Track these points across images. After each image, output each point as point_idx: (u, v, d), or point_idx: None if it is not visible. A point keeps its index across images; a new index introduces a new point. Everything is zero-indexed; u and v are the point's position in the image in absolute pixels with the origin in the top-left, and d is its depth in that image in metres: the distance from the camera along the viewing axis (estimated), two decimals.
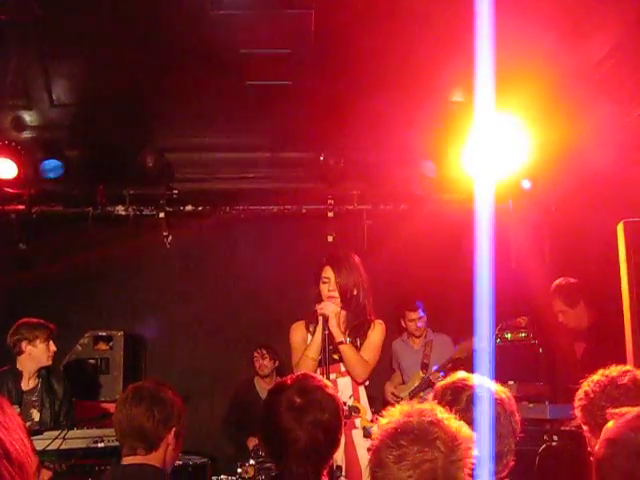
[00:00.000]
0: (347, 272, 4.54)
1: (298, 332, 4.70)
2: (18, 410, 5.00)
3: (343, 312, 4.60)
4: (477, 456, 1.93)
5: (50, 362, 5.42)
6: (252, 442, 6.61)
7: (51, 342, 5.37)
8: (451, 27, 5.48)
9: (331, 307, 4.45)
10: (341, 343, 4.46)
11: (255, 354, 7.08)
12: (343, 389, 4.51)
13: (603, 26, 5.06)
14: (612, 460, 1.63)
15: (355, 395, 4.55)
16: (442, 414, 1.97)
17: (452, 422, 1.96)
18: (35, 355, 5.32)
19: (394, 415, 1.98)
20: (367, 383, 4.64)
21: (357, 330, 4.60)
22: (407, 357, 6.79)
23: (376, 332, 4.62)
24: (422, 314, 6.71)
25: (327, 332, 4.42)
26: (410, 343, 6.83)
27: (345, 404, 4.42)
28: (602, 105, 5.83)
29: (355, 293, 4.54)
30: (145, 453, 2.99)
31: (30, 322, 5.44)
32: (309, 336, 4.61)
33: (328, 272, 4.56)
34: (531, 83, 6.01)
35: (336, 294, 4.52)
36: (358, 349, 4.56)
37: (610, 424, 1.79)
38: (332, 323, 4.43)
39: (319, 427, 2.65)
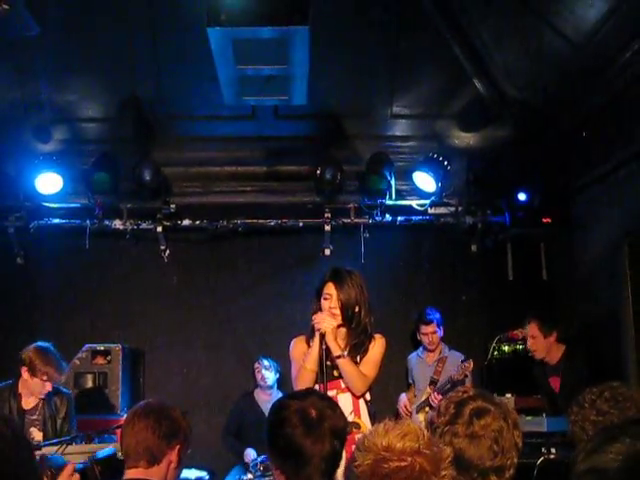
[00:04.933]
0: (349, 289, 4.51)
1: (298, 346, 4.68)
2: None
3: (343, 329, 4.57)
4: (481, 469, 1.95)
5: (42, 397, 5.27)
6: (248, 456, 6.59)
7: (48, 384, 5.18)
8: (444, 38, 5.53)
9: (327, 321, 4.44)
10: (339, 357, 4.45)
11: (256, 365, 7.05)
12: (343, 405, 4.47)
13: None
14: None
15: (356, 411, 4.54)
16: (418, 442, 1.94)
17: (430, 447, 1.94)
18: (29, 385, 5.20)
19: (367, 457, 1.95)
20: (369, 398, 4.62)
21: (357, 348, 4.57)
22: (419, 371, 6.73)
23: (377, 346, 4.60)
24: (437, 329, 6.63)
25: (325, 347, 4.42)
26: (424, 357, 6.78)
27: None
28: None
29: (357, 310, 4.52)
30: (147, 467, 2.98)
31: (43, 353, 5.20)
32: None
33: (331, 289, 4.53)
34: (526, 92, 6.05)
35: (337, 311, 4.50)
36: (358, 364, 4.54)
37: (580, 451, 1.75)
38: (329, 338, 4.42)
39: (336, 436, 2.65)
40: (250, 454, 6.58)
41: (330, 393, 4.43)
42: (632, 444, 1.52)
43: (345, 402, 4.50)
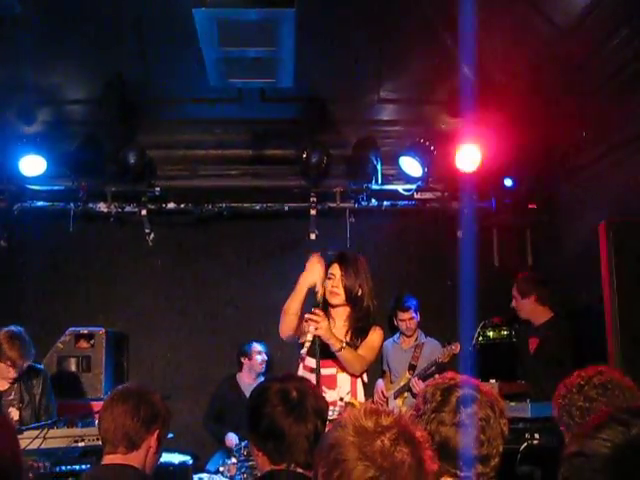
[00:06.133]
0: (353, 272, 4.60)
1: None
2: None
3: (346, 309, 4.64)
4: (466, 458, 1.94)
5: (10, 382, 5.25)
6: (230, 441, 6.59)
7: (12, 369, 5.17)
8: (435, 24, 5.51)
9: (321, 322, 4.38)
10: (340, 350, 4.45)
11: (253, 348, 7.02)
12: (342, 384, 4.54)
13: (585, 24, 5.07)
14: (580, 475, 1.56)
15: (353, 391, 4.56)
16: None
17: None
18: None
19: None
20: (366, 380, 4.66)
21: (358, 332, 4.63)
22: (396, 357, 6.79)
23: (375, 334, 4.66)
24: (414, 315, 6.71)
25: (320, 343, 4.40)
26: (400, 343, 6.83)
27: (342, 399, 4.49)
28: (584, 103, 5.86)
29: (360, 294, 4.60)
30: (126, 452, 2.96)
31: (10, 337, 5.17)
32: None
33: (335, 269, 4.63)
34: (515, 80, 6.04)
35: (339, 290, 4.58)
36: (357, 348, 4.58)
37: (574, 435, 1.74)
38: (327, 336, 4.40)
39: (318, 416, 2.65)
40: (232, 438, 6.58)
41: (330, 371, 4.49)
42: (623, 432, 1.51)
43: (344, 381, 4.57)
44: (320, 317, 4.40)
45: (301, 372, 4.55)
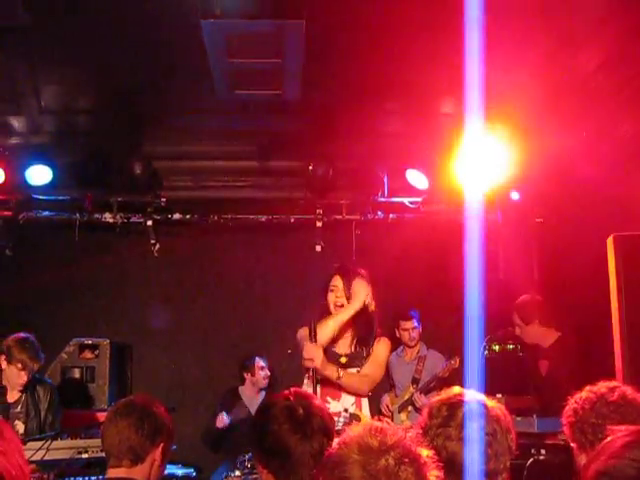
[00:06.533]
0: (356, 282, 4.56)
1: (304, 335, 4.60)
2: None
3: (351, 320, 4.55)
4: (473, 473, 1.91)
5: (20, 388, 5.27)
6: (221, 422, 6.64)
7: (23, 372, 5.19)
8: (441, 40, 5.49)
9: (315, 356, 4.28)
10: (338, 379, 4.41)
11: (257, 364, 6.98)
12: (346, 397, 4.50)
13: (593, 39, 5.07)
14: None
15: (357, 402, 4.53)
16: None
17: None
18: (8, 375, 5.22)
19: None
20: (370, 394, 4.62)
21: (364, 340, 4.61)
22: (399, 370, 6.78)
23: (381, 346, 4.63)
24: (416, 324, 6.72)
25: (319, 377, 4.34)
26: (403, 356, 6.82)
27: (347, 411, 4.47)
28: (591, 118, 5.85)
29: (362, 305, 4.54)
30: (130, 466, 2.95)
31: (20, 341, 5.22)
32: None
33: (337, 281, 4.60)
34: (521, 95, 6.03)
35: (342, 301, 4.55)
36: (365, 359, 4.57)
37: (597, 453, 1.71)
38: (323, 367, 4.31)
39: (325, 434, 2.62)
40: (224, 418, 6.61)
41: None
42: None
43: (347, 395, 4.52)
44: (314, 351, 4.30)
45: (305, 384, 4.54)
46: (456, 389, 2.54)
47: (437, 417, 2.41)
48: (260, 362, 7.00)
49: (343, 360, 4.54)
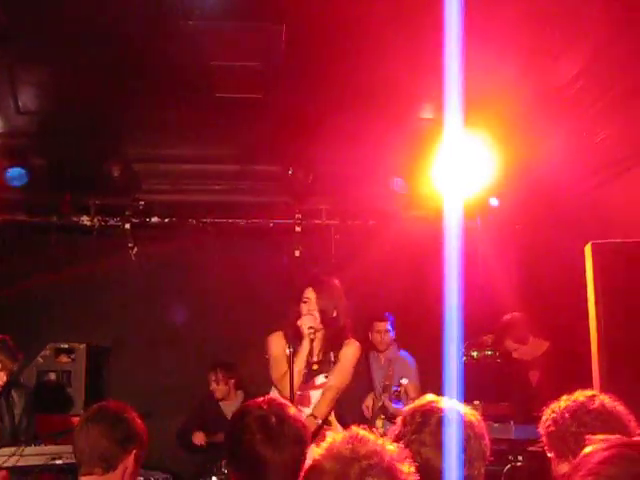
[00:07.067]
0: (328, 294, 4.64)
1: (277, 343, 4.69)
2: None
3: (322, 332, 4.64)
4: (449, 478, 1.91)
5: None
6: (198, 438, 6.62)
7: (2, 373, 5.15)
8: (420, 45, 5.50)
9: (309, 320, 4.52)
10: (316, 420, 4.46)
11: (210, 376, 6.97)
12: (315, 402, 4.56)
13: (571, 47, 5.10)
14: None
15: None
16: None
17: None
18: None
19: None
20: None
21: (332, 344, 4.66)
22: (377, 373, 6.80)
23: (349, 349, 4.68)
24: (390, 328, 6.71)
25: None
26: (378, 356, 6.83)
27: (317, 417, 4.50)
28: (570, 125, 5.88)
29: (334, 315, 4.62)
30: (102, 473, 2.91)
31: None
32: (287, 349, 4.54)
33: (309, 293, 4.64)
34: (500, 102, 6.05)
35: (316, 313, 4.59)
36: (333, 363, 4.63)
37: (575, 467, 1.69)
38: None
39: (298, 443, 2.61)
40: (199, 436, 6.62)
41: (303, 392, 4.53)
42: (628, 468, 1.48)
43: (317, 398, 4.60)
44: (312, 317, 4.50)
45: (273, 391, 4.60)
46: (429, 396, 2.54)
47: (411, 424, 2.41)
48: (211, 375, 6.96)
49: (315, 367, 4.62)
